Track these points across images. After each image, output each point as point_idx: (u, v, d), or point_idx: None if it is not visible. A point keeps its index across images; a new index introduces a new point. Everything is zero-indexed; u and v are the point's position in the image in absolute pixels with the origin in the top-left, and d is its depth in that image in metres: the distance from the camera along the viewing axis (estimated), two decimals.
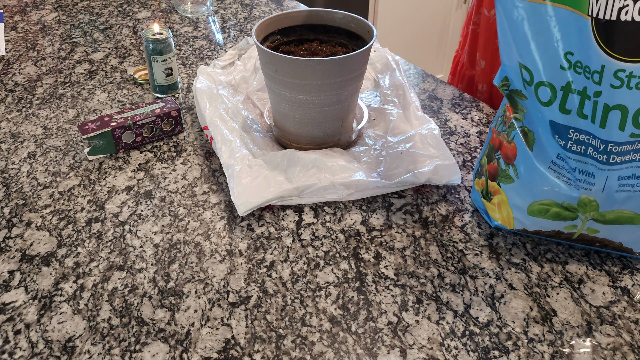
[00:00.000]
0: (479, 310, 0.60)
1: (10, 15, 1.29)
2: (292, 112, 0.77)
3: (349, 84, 0.75)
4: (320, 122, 0.78)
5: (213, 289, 0.62)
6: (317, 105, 0.75)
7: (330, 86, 0.73)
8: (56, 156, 0.83)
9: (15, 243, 0.68)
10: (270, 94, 0.80)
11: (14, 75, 1.04)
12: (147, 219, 0.72)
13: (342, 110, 0.77)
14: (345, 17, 0.82)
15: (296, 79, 0.72)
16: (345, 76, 0.73)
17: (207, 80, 0.90)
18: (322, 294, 0.62)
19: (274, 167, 0.75)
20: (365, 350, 0.56)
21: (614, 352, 0.56)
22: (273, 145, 0.82)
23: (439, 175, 0.74)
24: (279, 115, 0.80)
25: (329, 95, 0.74)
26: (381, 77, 0.94)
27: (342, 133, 0.80)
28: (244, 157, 0.76)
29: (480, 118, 0.92)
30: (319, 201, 0.74)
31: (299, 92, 0.74)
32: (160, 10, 1.31)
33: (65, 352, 0.56)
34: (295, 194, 0.72)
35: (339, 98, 0.75)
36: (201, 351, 0.56)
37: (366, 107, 0.87)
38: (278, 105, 0.79)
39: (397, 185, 0.75)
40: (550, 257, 0.67)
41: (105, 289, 0.62)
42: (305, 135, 0.79)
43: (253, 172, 0.73)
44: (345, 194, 0.74)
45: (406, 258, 0.66)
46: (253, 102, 0.90)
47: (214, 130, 0.80)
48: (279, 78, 0.74)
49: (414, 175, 0.74)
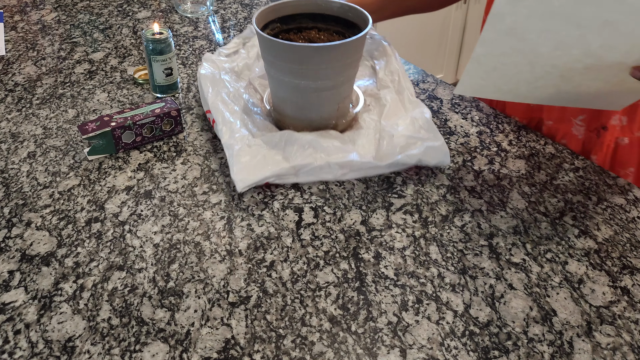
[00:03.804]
0: (479, 310, 0.60)
1: (10, 15, 1.29)
2: (290, 97, 0.80)
3: (345, 70, 0.78)
4: (317, 106, 0.80)
5: (213, 289, 0.62)
6: (314, 90, 0.78)
7: (327, 71, 0.76)
8: (56, 156, 0.83)
9: (15, 243, 0.68)
10: (269, 79, 0.83)
11: (14, 75, 1.04)
12: (147, 219, 0.72)
13: (338, 95, 0.80)
14: (343, 7, 0.84)
15: (294, 64, 0.75)
16: (341, 62, 0.76)
17: (211, 67, 0.92)
18: (322, 294, 0.62)
19: (272, 147, 0.77)
20: (365, 350, 0.56)
21: (614, 352, 0.56)
22: (272, 128, 0.83)
23: (429, 156, 0.77)
24: (278, 100, 0.83)
25: (325, 80, 0.77)
26: (377, 64, 0.96)
27: (338, 117, 0.83)
28: (243, 137, 0.78)
29: (480, 118, 0.92)
30: (314, 180, 0.77)
31: (297, 77, 0.76)
32: (160, 10, 1.31)
33: (65, 352, 0.56)
34: (292, 173, 0.75)
35: (335, 83, 0.78)
36: (201, 351, 0.56)
37: (362, 93, 0.89)
38: (277, 90, 0.82)
39: (390, 166, 0.77)
40: (550, 257, 0.67)
41: (105, 289, 0.62)
42: (302, 119, 0.82)
43: (252, 151, 0.76)
44: (340, 173, 0.76)
45: (406, 258, 0.66)
46: (255, 87, 0.92)
47: (216, 113, 0.82)
48: (278, 63, 0.76)
49: (406, 156, 0.77)
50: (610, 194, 0.76)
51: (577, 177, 0.79)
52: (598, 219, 0.72)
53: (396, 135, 0.80)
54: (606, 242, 0.69)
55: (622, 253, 0.67)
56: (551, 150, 0.85)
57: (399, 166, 0.78)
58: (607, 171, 0.80)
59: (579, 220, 0.72)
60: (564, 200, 0.75)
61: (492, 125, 0.90)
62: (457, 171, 0.80)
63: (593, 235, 0.70)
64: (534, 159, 0.83)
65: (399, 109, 0.85)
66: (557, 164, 0.82)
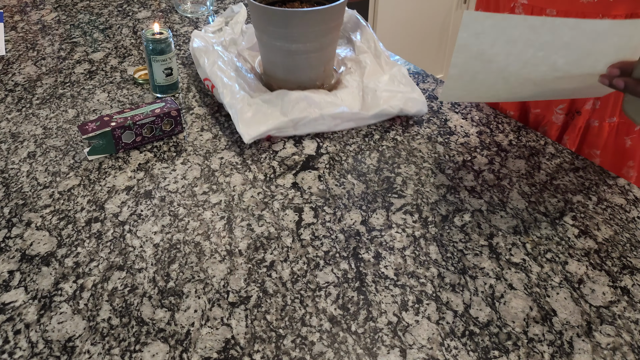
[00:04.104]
0: (479, 310, 0.60)
1: (10, 15, 1.29)
2: (281, 60, 0.91)
3: (330, 33, 0.89)
4: (306, 68, 0.91)
5: (213, 289, 0.62)
6: (304, 52, 0.89)
7: (315, 34, 0.87)
8: (56, 156, 0.83)
9: (15, 243, 0.68)
10: (261, 47, 0.93)
11: (14, 75, 1.04)
12: (147, 219, 0.72)
13: (324, 56, 0.92)
14: None
15: (286, 28, 0.86)
16: (327, 25, 0.87)
17: (201, 41, 1.02)
18: (322, 294, 0.62)
19: (270, 105, 0.87)
20: (365, 350, 0.56)
21: (614, 352, 0.56)
22: (266, 91, 0.92)
23: (408, 106, 0.89)
24: (270, 65, 0.94)
25: (313, 42, 0.88)
26: (353, 34, 1.07)
27: (325, 78, 0.94)
28: (243, 97, 0.87)
29: (480, 118, 0.92)
30: (311, 131, 0.86)
31: (288, 40, 0.87)
32: (160, 10, 1.31)
33: (65, 352, 0.56)
34: (290, 126, 0.85)
35: (321, 45, 0.90)
36: (201, 351, 0.56)
37: (344, 58, 1.01)
38: (268, 55, 0.93)
39: (376, 116, 0.89)
40: (550, 257, 0.67)
41: (105, 289, 0.62)
42: (293, 81, 0.92)
43: (253, 109, 0.86)
44: (333, 124, 0.87)
45: (406, 258, 0.66)
46: (244, 57, 1.02)
47: (214, 79, 0.91)
48: (271, 29, 0.87)
49: (389, 106, 0.88)
50: (610, 194, 0.76)
51: (577, 177, 0.79)
52: (598, 219, 0.72)
53: (378, 90, 0.91)
54: (606, 242, 0.69)
55: (622, 253, 0.67)
56: (551, 150, 0.85)
57: (383, 116, 0.89)
58: (607, 171, 0.80)
59: (579, 220, 0.72)
60: (564, 200, 0.75)
61: (492, 125, 0.90)
62: (457, 171, 0.80)
63: (593, 235, 0.70)
64: (534, 159, 0.83)
65: (378, 70, 0.96)
66: (557, 164, 0.82)
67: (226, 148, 0.85)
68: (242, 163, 0.82)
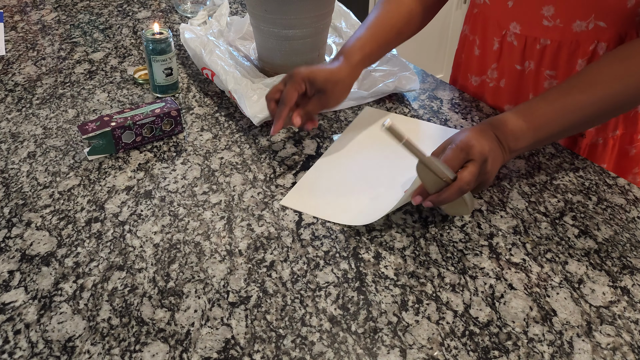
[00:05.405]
0: (479, 310, 0.60)
1: (10, 15, 1.29)
2: (278, 46, 0.96)
3: (323, 19, 0.95)
4: (302, 52, 0.97)
5: (213, 289, 0.62)
6: (300, 37, 0.94)
7: (310, 20, 0.93)
8: (56, 156, 0.83)
9: (15, 243, 0.68)
10: (257, 34, 0.97)
11: (14, 75, 1.04)
12: (147, 219, 0.72)
13: (318, 41, 0.98)
14: None
15: (283, 15, 0.91)
16: (320, 11, 0.93)
17: (192, 33, 1.04)
18: (322, 294, 0.62)
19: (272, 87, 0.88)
20: (365, 350, 0.56)
21: (614, 352, 0.56)
22: (263, 77, 0.96)
23: (402, 84, 0.95)
24: (266, 51, 0.98)
25: (308, 28, 0.94)
26: (338, 22, 1.13)
27: (320, 61, 0.99)
28: (247, 83, 0.90)
29: (481, 118, 0.92)
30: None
31: (285, 27, 0.93)
32: (160, 10, 1.31)
33: (65, 352, 0.56)
34: None
35: (316, 30, 0.95)
36: (201, 351, 0.56)
37: (333, 44, 1.07)
38: (265, 42, 0.97)
39: (373, 95, 0.94)
40: (550, 257, 0.67)
41: (105, 289, 0.62)
42: (289, 66, 0.96)
43: (257, 93, 0.89)
44: None
45: (406, 258, 0.66)
46: (236, 47, 1.07)
47: (214, 67, 0.94)
48: (268, 16, 0.92)
49: (385, 85, 0.94)
50: (610, 194, 0.76)
51: (577, 177, 0.79)
52: (598, 219, 0.72)
53: (372, 71, 0.98)
54: (606, 242, 0.69)
55: (622, 253, 0.67)
56: (551, 150, 0.85)
57: (379, 94, 0.95)
58: (607, 171, 0.80)
59: (579, 220, 0.72)
60: (564, 200, 0.75)
61: None
62: None
63: (593, 235, 0.70)
64: (534, 159, 0.83)
65: None
66: (557, 164, 0.82)
67: (226, 148, 0.85)
68: (242, 163, 0.81)
